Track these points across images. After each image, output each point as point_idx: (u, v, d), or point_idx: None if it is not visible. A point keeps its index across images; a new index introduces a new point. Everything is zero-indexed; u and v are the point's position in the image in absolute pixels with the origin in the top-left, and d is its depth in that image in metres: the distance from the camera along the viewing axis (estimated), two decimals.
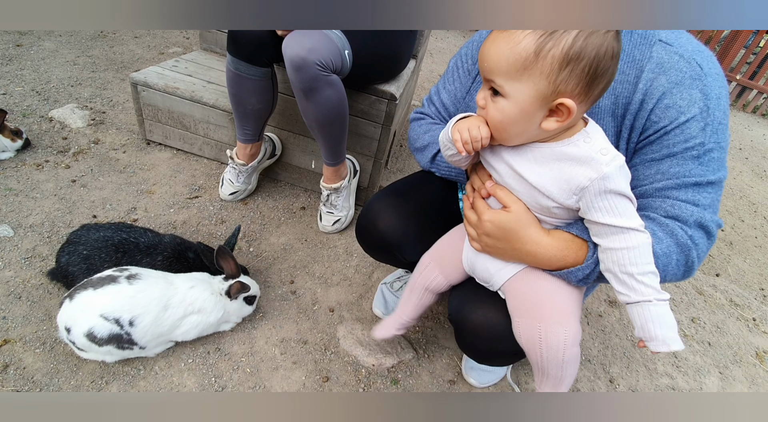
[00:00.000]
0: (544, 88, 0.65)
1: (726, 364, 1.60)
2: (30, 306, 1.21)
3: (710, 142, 0.76)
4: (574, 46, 0.62)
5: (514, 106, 0.68)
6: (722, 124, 0.77)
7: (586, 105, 0.68)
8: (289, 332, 1.32)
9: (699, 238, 0.77)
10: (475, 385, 1.28)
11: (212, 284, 1.19)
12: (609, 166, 0.68)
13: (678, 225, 0.76)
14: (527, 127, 0.70)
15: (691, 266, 0.78)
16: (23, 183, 1.59)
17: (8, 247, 1.35)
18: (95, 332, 1.00)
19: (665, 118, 0.76)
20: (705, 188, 0.77)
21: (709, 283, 2.03)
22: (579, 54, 0.62)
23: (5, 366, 1.08)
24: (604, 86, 0.67)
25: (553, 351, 0.80)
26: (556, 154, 0.72)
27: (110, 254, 1.17)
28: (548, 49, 0.62)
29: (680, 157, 0.77)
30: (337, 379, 1.22)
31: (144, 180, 1.75)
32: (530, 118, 0.68)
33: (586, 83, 0.64)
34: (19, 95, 2.06)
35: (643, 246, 0.70)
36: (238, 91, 1.45)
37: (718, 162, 0.78)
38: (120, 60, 2.60)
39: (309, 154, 1.83)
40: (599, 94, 0.68)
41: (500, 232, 0.80)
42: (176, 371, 1.14)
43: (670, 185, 0.77)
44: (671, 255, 0.75)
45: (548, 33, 0.62)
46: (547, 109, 0.67)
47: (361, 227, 1.13)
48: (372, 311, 1.45)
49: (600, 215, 0.70)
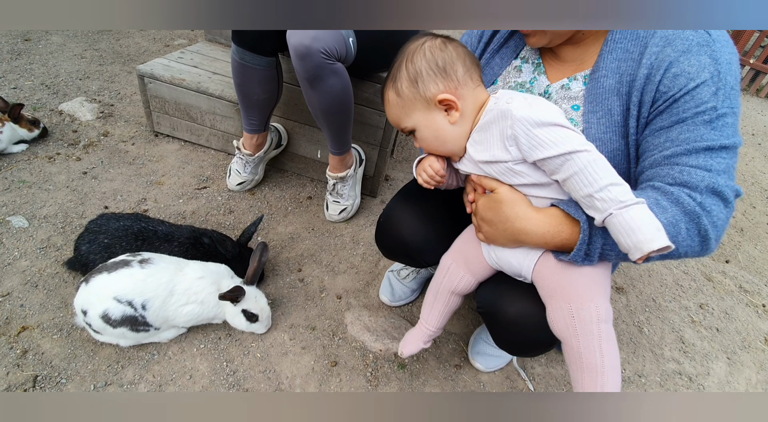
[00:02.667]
0: (421, 105, 0.82)
1: (734, 350, 1.59)
2: (47, 295, 1.24)
3: (723, 106, 0.72)
4: (409, 70, 0.81)
5: (424, 130, 0.85)
6: (734, 90, 0.74)
7: (467, 87, 0.81)
8: (298, 318, 1.35)
9: (712, 205, 0.72)
10: (482, 370, 1.30)
11: (223, 281, 1.19)
12: (517, 109, 0.75)
13: (686, 192, 0.72)
14: (446, 133, 0.84)
15: (705, 235, 0.72)
16: (36, 175, 1.62)
17: (24, 238, 1.39)
18: (110, 314, 1.03)
19: (674, 86, 0.74)
20: (718, 153, 0.73)
21: (719, 269, 2.01)
22: (415, 72, 0.81)
23: (24, 351, 1.11)
24: (464, 64, 0.81)
25: (587, 326, 0.78)
26: (483, 126, 0.82)
27: (130, 242, 1.20)
28: (400, 87, 0.83)
29: (690, 122, 0.73)
30: (345, 364, 1.25)
31: (153, 171, 1.77)
32: (440, 127, 0.83)
33: (443, 77, 0.80)
34: (29, 89, 2.09)
35: (591, 165, 0.70)
36: (243, 81, 1.45)
37: (732, 128, 0.73)
38: (126, 53, 2.62)
39: (315, 144, 1.83)
40: (472, 66, 0.82)
41: (492, 214, 0.84)
42: (189, 356, 1.18)
43: (680, 151, 0.74)
44: (679, 224, 0.71)
45: (393, 80, 0.84)
46: (439, 112, 0.82)
47: (383, 234, 1.12)
48: (379, 298, 1.47)
49: (537, 152, 0.74)
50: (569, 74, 0.89)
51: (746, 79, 5.18)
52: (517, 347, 0.98)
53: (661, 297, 1.77)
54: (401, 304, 1.46)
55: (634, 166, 0.83)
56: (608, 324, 0.80)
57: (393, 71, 0.84)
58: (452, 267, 1.01)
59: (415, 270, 1.48)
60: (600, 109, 0.82)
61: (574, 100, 0.87)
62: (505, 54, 0.99)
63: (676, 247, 0.73)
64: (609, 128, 0.82)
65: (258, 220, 1.36)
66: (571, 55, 0.89)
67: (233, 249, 1.30)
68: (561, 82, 0.89)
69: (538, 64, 0.95)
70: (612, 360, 0.78)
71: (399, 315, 1.43)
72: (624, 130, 0.81)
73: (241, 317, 1.17)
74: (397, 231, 1.07)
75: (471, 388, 1.26)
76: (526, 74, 0.96)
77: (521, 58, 0.98)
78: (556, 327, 0.83)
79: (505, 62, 0.99)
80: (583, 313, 0.79)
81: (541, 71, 0.94)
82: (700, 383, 1.44)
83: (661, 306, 1.72)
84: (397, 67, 0.83)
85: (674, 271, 1.93)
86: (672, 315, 1.68)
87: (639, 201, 0.68)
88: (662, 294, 1.78)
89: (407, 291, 1.47)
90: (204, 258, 1.25)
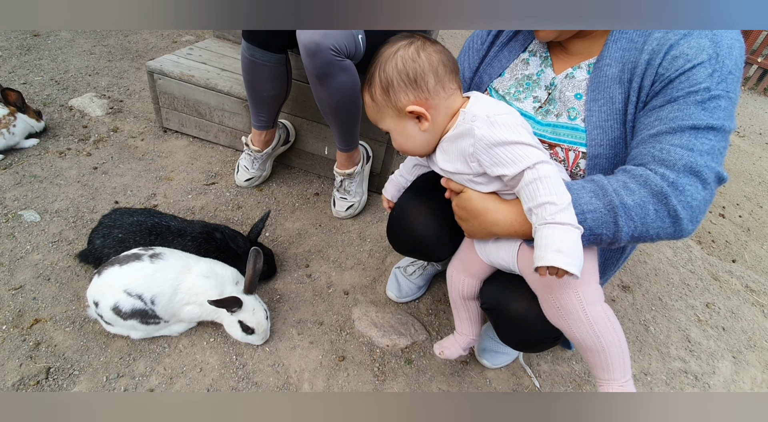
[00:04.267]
0: (393, 112, 0.84)
1: (740, 349, 1.59)
2: (59, 288, 1.26)
3: (717, 88, 0.72)
4: (381, 78, 0.82)
5: (396, 135, 0.88)
6: (733, 75, 0.73)
7: (438, 97, 0.81)
8: (306, 313, 1.36)
9: (687, 185, 0.71)
10: (488, 366, 1.31)
11: (227, 286, 1.15)
12: (479, 128, 0.78)
13: (655, 174, 0.72)
14: (416, 140, 0.86)
15: (675, 216, 0.71)
16: (47, 170, 1.64)
17: (36, 232, 1.41)
18: (120, 306, 1.05)
19: (672, 67, 0.74)
20: (704, 133, 0.71)
21: (725, 269, 2.01)
22: (386, 81, 0.81)
23: (37, 343, 1.13)
24: (436, 75, 0.80)
25: (573, 314, 0.80)
26: (450, 139, 0.84)
27: (144, 237, 1.21)
28: (374, 93, 0.84)
29: (682, 101, 0.73)
30: (352, 358, 1.26)
31: (162, 167, 1.79)
32: (410, 134, 0.86)
33: (413, 88, 0.81)
34: (39, 84, 2.11)
35: (535, 183, 0.73)
36: (253, 77, 1.46)
37: (725, 111, 0.72)
38: (135, 49, 2.63)
39: (322, 141, 1.84)
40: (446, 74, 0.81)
41: (466, 212, 0.88)
42: (199, 349, 1.19)
43: (665, 129, 0.73)
44: (646, 205, 0.72)
45: (369, 84, 0.85)
46: (410, 120, 0.84)
47: (396, 231, 1.13)
48: (386, 294, 1.48)
49: (496, 169, 0.77)
50: (575, 64, 0.90)
51: (754, 78, 5.14)
52: (522, 343, 0.99)
53: (668, 296, 1.77)
54: (408, 300, 1.47)
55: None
56: (595, 306, 0.80)
57: (369, 75, 0.85)
58: (454, 275, 1.06)
59: (421, 267, 1.49)
60: (602, 97, 0.83)
61: (577, 88, 0.88)
62: (513, 47, 1.00)
63: (645, 229, 0.73)
64: (610, 116, 0.83)
65: (265, 216, 1.37)
66: (579, 48, 0.90)
67: (244, 246, 1.31)
68: (566, 72, 0.91)
69: (546, 58, 0.96)
70: (609, 337, 0.80)
71: (406, 311, 1.44)
72: (624, 118, 0.82)
73: (238, 328, 1.15)
74: (409, 227, 1.08)
75: (477, 384, 1.27)
76: (534, 67, 0.97)
77: (529, 52, 0.99)
78: (550, 318, 0.85)
79: (513, 55, 1.00)
80: (565, 302, 0.81)
81: (548, 64, 0.95)
82: (706, 381, 1.44)
83: (668, 305, 1.72)
84: (372, 71, 0.85)
85: (681, 270, 1.92)
86: (678, 314, 1.69)
87: (561, 222, 0.70)
88: (668, 293, 1.78)
89: (414, 287, 1.48)
90: (216, 253, 1.27)
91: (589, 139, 0.86)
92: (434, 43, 0.83)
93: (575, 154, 0.89)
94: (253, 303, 1.16)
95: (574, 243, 0.69)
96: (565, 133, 0.89)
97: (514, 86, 0.99)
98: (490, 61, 1.03)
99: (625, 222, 0.73)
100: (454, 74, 0.84)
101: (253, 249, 1.14)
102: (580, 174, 0.90)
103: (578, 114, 0.88)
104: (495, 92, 1.02)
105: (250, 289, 1.16)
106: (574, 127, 0.88)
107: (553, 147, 0.91)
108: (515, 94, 0.98)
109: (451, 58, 0.83)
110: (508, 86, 1.00)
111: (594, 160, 0.86)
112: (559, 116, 0.91)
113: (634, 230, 0.73)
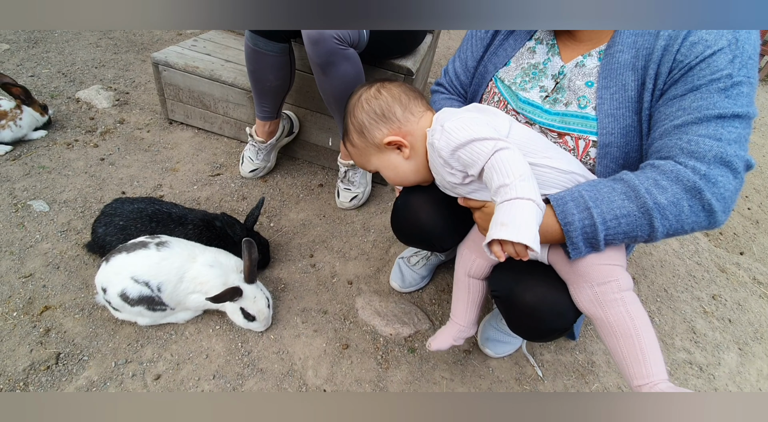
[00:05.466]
0: (374, 150, 0.92)
1: (746, 341, 1.58)
2: (68, 276, 1.28)
3: (739, 75, 0.71)
4: (354, 124, 0.91)
5: (385, 170, 0.94)
6: (752, 59, 0.72)
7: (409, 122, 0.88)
8: (310, 302, 1.37)
9: (719, 176, 0.70)
10: (491, 356, 1.31)
11: (231, 275, 1.16)
12: (438, 140, 0.82)
13: (685, 168, 0.71)
14: (404, 168, 0.92)
15: (710, 210, 0.71)
16: (55, 161, 1.66)
17: (45, 221, 1.43)
18: (127, 293, 1.06)
19: (691, 54, 0.72)
20: (730, 122, 0.70)
21: (733, 261, 1.99)
22: (359, 125, 0.90)
23: (47, 330, 1.15)
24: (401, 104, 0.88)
25: (610, 296, 0.80)
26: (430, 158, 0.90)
27: (145, 224, 1.23)
28: (352, 139, 0.93)
29: (704, 89, 0.72)
30: (356, 347, 1.27)
31: (168, 158, 1.80)
32: (397, 165, 0.92)
33: (384, 121, 0.88)
34: (47, 77, 2.13)
35: (490, 172, 0.75)
36: (256, 67, 1.46)
37: (747, 97, 0.71)
38: (140, 41, 2.64)
39: (326, 132, 1.84)
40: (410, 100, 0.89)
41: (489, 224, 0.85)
42: (205, 336, 1.21)
43: (690, 120, 0.72)
44: (680, 202, 0.71)
45: (346, 134, 0.95)
46: (392, 152, 0.91)
47: (401, 220, 1.11)
48: (389, 284, 1.48)
49: (470, 170, 0.80)
50: (584, 52, 0.89)
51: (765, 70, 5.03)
52: (534, 333, 0.97)
53: (673, 287, 1.76)
54: (411, 290, 1.48)
55: (646, 141, 0.82)
56: (628, 292, 0.81)
57: (344, 127, 0.95)
58: (465, 253, 1.05)
59: (425, 257, 1.49)
60: (614, 84, 0.82)
61: (588, 76, 0.87)
62: (519, 35, 0.98)
63: (680, 225, 0.72)
64: (622, 104, 0.82)
65: (260, 203, 1.36)
66: (587, 35, 0.89)
67: (241, 233, 1.32)
68: (576, 60, 0.89)
69: (553, 45, 0.94)
70: (642, 320, 0.79)
71: (409, 301, 1.45)
72: (638, 106, 0.81)
73: (239, 314, 1.17)
74: (414, 217, 1.07)
75: (480, 373, 1.28)
76: (540, 55, 0.95)
77: (535, 40, 0.97)
78: (582, 306, 0.84)
79: (519, 43, 0.98)
80: (604, 289, 0.81)
81: (555, 52, 0.93)
82: (711, 372, 1.44)
83: (673, 296, 1.71)
84: (345, 123, 0.94)
85: (687, 262, 1.91)
86: (684, 306, 1.68)
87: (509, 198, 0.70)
88: (674, 284, 1.77)
89: (417, 277, 1.48)
90: (216, 240, 1.28)
91: (600, 127, 0.84)
92: (392, 81, 0.92)
93: (585, 142, 0.87)
94: (255, 292, 1.17)
95: (520, 213, 0.68)
96: (575, 121, 0.88)
97: (520, 76, 0.97)
98: (494, 50, 1.02)
99: (661, 222, 0.72)
100: (419, 99, 0.91)
101: (245, 241, 1.14)
102: (590, 162, 0.89)
103: (589, 102, 0.86)
104: (500, 82, 1.00)
105: (250, 278, 1.17)
106: (584, 116, 0.87)
107: (562, 136, 0.90)
108: (521, 84, 0.97)
109: (412, 87, 0.92)
110: (513, 76, 0.98)
111: (605, 148, 0.85)
112: (568, 105, 0.89)
113: (669, 228, 0.73)
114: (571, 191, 0.78)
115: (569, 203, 0.76)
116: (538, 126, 0.93)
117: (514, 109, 0.96)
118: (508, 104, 0.98)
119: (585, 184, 0.79)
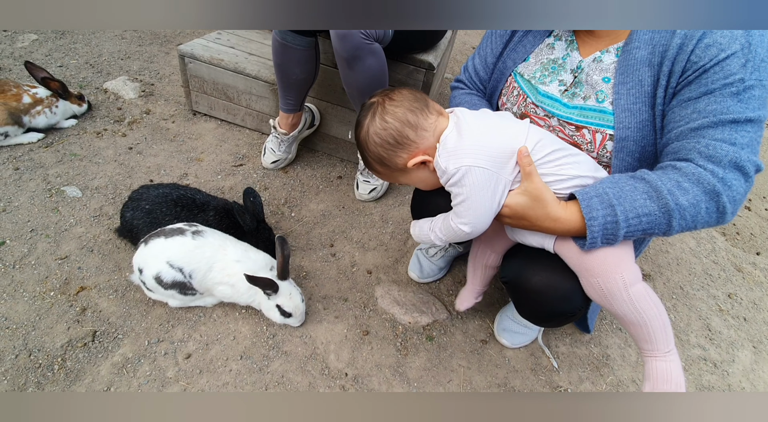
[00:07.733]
0: (400, 173, 0.93)
1: (761, 339, 1.59)
2: (101, 259, 1.34)
3: (751, 79, 0.74)
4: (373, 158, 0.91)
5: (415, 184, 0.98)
6: (765, 63, 0.75)
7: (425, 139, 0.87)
8: (331, 290, 1.41)
9: (733, 180, 0.75)
10: (507, 346, 1.34)
11: (260, 272, 1.17)
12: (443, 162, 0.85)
13: (705, 171, 0.75)
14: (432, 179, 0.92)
15: (723, 211, 0.76)
16: (86, 149, 1.72)
17: (78, 207, 1.49)
18: (162, 276, 1.11)
19: (705, 56, 0.75)
20: (743, 126, 0.75)
21: (749, 261, 1.99)
22: (377, 157, 0.90)
23: (83, 309, 1.21)
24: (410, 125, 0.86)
25: (616, 294, 0.84)
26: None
27: (170, 208, 1.27)
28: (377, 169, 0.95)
29: (718, 93, 0.75)
30: (376, 333, 1.31)
31: (192, 148, 1.85)
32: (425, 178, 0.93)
33: (401, 148, 0.87)
34: (75, 68, 2.19)
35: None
36: (283, 60, 1.50)
37: (759, 100, 0.75)
38: (163, 34, 2.69)
39: (346, 125, 1.88)
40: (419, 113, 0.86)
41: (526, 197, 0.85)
42: (232, 319, 1.26)
43: (706, 124, 0.76)
44: (699, 204, 0.75)
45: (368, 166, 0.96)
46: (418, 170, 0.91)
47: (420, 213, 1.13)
48: (407, 274, 1.52)
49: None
50: (602, 48, 0.91)
51: None
52: (541, 316, 1.01)
53: (689, 285, 1.76)
54: (429, 281, 1.51)
55: (660, 136, 0.85)
56: (636, 286, 0.84)
57: (362, 160, 0.96)
58: (480, 248, 1.12)
59: (443, 249, 1.52)
60: (630, 80, 0.84)
61: (605, 72, 0.89)
62: (537, 32, 1.00)
63: (694, 225, 0.77)
64: (638, 99, 0.84)
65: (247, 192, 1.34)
66: (606, 32, 0.91)
67: (251, 224, 1.33)
68: (593, 56, 0.92)
69: (571, 41, 0.96)
70: (650, 312, 0.84)
71: (427, 291, 1.48)
72: (653, 101, 0.83)
73: (276, 311, 1.20)
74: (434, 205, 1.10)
75: (496, 362, 1.31)
76: (559, 51, 0.98)
77: (554, 36, 1.00)
78: (591, 297, 0.88)
79: (538, 40, 1.01)
80: (610, 285, 0.84)
81: (574, 47, 0.96)
82: (725, 369, 1.45)
83: (689, 294, 1.72)
84: (363, 157, 0.94)
85: (704, 261, 1.91)
86: (699, 304, 1.68)
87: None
88: (690, 282, 1.78)
89: (435, 269, 1.51)
90: (233, 228, 1.31)
91: (617, 121, 0.87)
92: (390, 99, 0.88)
93: (602, 135, 0.90)
94: (289, 288, 1.19)
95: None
96: (593, 115, 0.91)
97: (539, 70, 1.00)
98: (514, 47, 1.04)
99: (678, 222, 0.76)
100: (425, 108, 0.88)
101: (278, 237, 1.17)
102: (606, 155, 0.91)
103: (606, 97, 0.89)
104: (520, 77, 1.03)
105: (283, 275, 1.18)
106: (602, 110, 0.89)
107: (580, 129, 0.93)
108: (540, 78, 0.99)
109: (415, 96, 0.88)
110: (533, 70, 1.01)
111: (621, 142, 0.88)
112: (586, 99, 0.92)
113: (684, 227, 0.77)
114: (596, 187, 0.81)
115: (594, 199, 0.79)
116: (557, 118, 0.95)
117: (533, 102, 0.99)
118: (528, 97, 1.00)
119: (607, 181, 0.81)
